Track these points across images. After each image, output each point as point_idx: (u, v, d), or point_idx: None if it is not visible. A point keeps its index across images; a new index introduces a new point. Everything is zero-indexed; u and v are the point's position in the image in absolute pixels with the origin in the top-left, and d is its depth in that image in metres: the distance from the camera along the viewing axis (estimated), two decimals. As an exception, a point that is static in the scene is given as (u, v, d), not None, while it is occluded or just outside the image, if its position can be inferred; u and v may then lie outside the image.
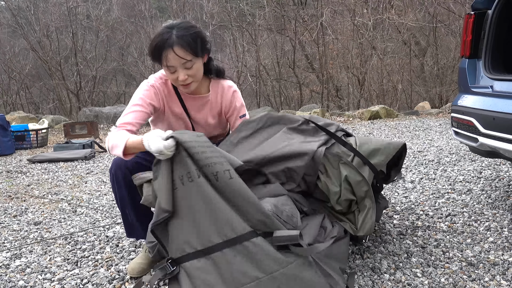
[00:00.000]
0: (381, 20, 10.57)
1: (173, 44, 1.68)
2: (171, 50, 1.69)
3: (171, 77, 1.78)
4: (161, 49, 1.69)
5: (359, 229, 1.72)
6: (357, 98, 11.49)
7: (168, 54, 1.70)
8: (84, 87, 12.77)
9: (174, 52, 1.69)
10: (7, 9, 13.11)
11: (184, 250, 1.47)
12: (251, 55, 12.30)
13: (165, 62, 1.72)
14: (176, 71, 1.74)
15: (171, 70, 1.74)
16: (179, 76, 1.74)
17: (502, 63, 2.55)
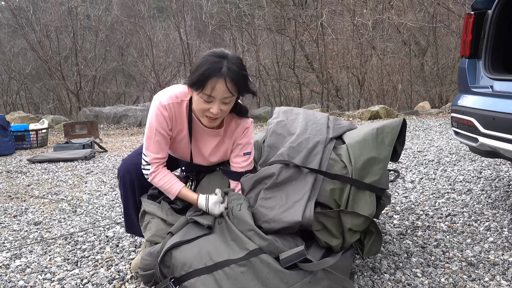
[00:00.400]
0: (381, 20, 10.58)
1: (226, 75, 1.57)
2: (223, 81, 1.57)
3: (203, 106, 1.63)
4: (211, 76, 1.56)
5: (365, 253, 1.68)
6: (357, 98, 11.50)
7: (217, 84, 1.57)
8: (84, 87, 12.77)
9: (225, 83, 1.57)
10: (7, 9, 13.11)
11: (189, 267, 1.47)
12: (250, 55, 12.30)
13: (209, 90, 1.58)
14: (212, 102, 1.62)
15: (208, 100, 1.61)
16: (213, 108, 1.62)
17: (502, 63, 2.55)
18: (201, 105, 1.63)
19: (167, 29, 13.05)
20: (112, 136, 7.69)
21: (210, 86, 1.57)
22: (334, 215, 1.61)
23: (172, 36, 13.03)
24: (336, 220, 1.61)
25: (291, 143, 1.84)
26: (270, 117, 2.11)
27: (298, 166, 1.70)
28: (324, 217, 1.61)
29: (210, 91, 1.58)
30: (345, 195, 1.64)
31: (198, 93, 1.62)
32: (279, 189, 1.67)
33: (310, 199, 1.62)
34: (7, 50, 12.63)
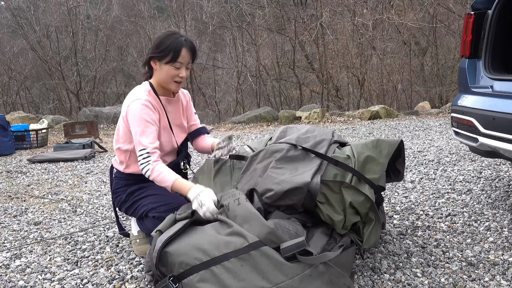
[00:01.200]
0: (381, 20, 10.58)
1: (188, 46, 1.96)
2: (187, 50, 1.95)
3: (172, 72, 1.96)
4: (180, 47, 1.93)
5: (364, 242, 1.69)
6: (357, 98, 11.50)
7: (183, 52, 1.94)
8: (84, 87, 12.78)
9: (189, 51, 1.96)
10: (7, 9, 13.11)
11: (188, 263, 1.46)
12: (251, 55, 12.31)
13: (179, 58, 1.93)
14: (180, 68, 1.96)
15: (177, 66, 1.95)
16: (181, 72, 1.97)
17: (502, 63, 2.55)
18: (172, 72, 1.96)
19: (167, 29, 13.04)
20: (112, 136, 7.69)
21: (179, 54, 1.93)
22: (337, 189, 1.69)
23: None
24: (338, 196, 1.69)
25: (299, 134, 1.97)
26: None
27: (305, 149, 1.82)
28: (328, 189, 1.69)
29: (180, 58, 1.94)
30: (347, 181, 1.72)
31: (170, 64, 1.94)
32: (289, 162, 1.79)
33: (318, 172, 1.72)
34: (7, 50, 12.63)
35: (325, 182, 1.69)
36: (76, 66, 12.38)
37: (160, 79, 2.01)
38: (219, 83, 13.40)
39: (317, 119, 8.00)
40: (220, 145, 2.06)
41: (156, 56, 1.96)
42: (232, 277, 1.41)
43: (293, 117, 8.42)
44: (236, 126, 8.33)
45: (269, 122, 8.53)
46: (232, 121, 8.77)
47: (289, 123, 8.18)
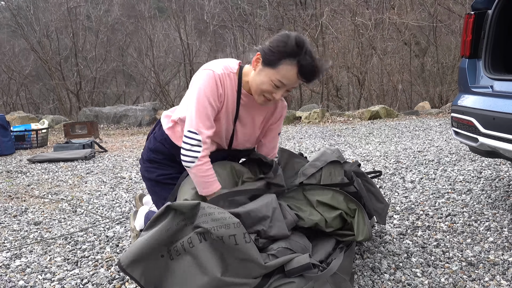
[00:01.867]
0: (381, 20, 10.58)
1: (306, 70, 1.57)
2: (301, 74, 1.57)
3: (268, 88, 1.59)
4: (294, 65, 1.55)
5: (357, 235, 1.70)
6: (357, 98, 11.50)
7: (294, 74, 1.56)
8: (84, 87, 12.78)
9: (302, 76, 1.58)
10: (7, 9, 13.12)
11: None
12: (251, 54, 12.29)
13: (282, 77, 1.56)
14: (280, 87, 1.60)
15: (277, 84, 1.58)
16: (277, 94, 1.61)
17: (502, 63, 2.55)
18: (267, 87, 1.59)
19: (167, 29, 13.06)
20: (112, 136, 7.69)
21: (286, 75, 1.56)
22: (300, 196, 1.75)
23: (172, 36, 13.04)
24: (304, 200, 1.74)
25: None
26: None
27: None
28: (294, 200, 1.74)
29: (287, 80, 1.57)
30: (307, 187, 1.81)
31: (271, 76, 1.57)
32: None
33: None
34: (7, 50, 12.63)
35: (289, 196, 1.75)
36: (76, 66, 12.38)
37: (251, 83, 1.65)
38: (219, 83, 13.36)
39: (317, 119, 8.00)
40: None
41: (263, 58, 1.59)
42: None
43: (293, 117, 8.42)
44: (236, 126, 8.32)
45: (269, 122, 8.52)
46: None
47: (289, 123, 8.18)
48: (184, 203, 1.41)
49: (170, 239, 1.38)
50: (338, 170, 1.87)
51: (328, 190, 1.74)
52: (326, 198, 1.73)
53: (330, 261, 1.57)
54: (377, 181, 3.28)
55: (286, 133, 6.70)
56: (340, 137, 5.88)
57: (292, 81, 1.58)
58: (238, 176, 1.79)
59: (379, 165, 3.86)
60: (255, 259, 1.37)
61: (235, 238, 1.36)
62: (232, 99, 1.68)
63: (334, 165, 1.87)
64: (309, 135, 6.28)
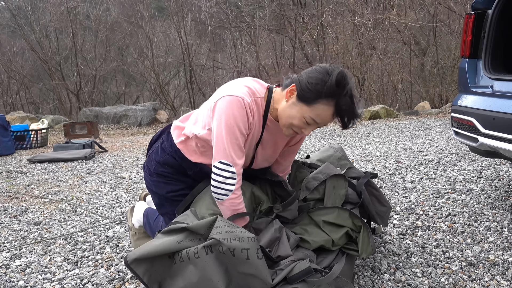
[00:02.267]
0: (381, 20, 10.57)
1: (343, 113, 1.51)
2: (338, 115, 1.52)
3: (298, 123, 1.53)
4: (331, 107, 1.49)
5: (360, 252, 1.68)
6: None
7: (329, 115, 1.51)
8: (84, 87, 12.77)
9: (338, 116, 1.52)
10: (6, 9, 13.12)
11: None
12: (250, 55, 12.30)
13: (316, 116, 1.50)
14: (310, 125, 1.54)
15: (309, 122, 1.52)
16: (307, 130, 1.55)
17: (502, 63, 2.55)
18: (298, 122, 1.53)
19: (167, 29, 13.06)
20: (112, 136, 7.69)
21: (321, 115, 1.50)
22: (306, 220, 1.72)
23: (172, 36, 13.04)
24: (311, 223, 1.71)
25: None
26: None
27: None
28: (299, 225, 1.71)
29: (321, 119, 1.51)
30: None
31: (304, 113, 1.50)
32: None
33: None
34: (6, 50, 12.63)
35: (294, 222, 1.72)
36: (76, 66, 12.38)
37: (281, 114, 1.57)
38: (219, 83, 13.39)
39: (317, 119, 8.00)
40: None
41: (299, 93, 1.51)
42: None
43: (293, 117, 8.42)
44: (236, 126, 8.32)
45: (269, 122, 8.53)
46: (232, 121, 8.77)
47: (289, 123, 8.17)
48: (201, 224, 1.42)
49: (179, 249, 1.40)
50: (342, 183, 1.84)
51: (332, 208, 1.71)
52: (331, 217, 1.69)
53: (332, 265, 1.57)
54: (377, 181, 3.28)
55: (286, 133, 6.70)
56: (340, 137, 5.88)
57: (326, 121, 1.52)
58: (256, 203, 1.77)
59: (379, 165, 3.86)
60: (264, 276, 1.35)
61: (247, 252, 1.33)
62: (258, 124, 1.62)
63: (337, 178, 1.83)
64: (309, 135, 6.29)
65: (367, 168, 3.79)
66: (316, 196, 1.80)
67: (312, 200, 1.80)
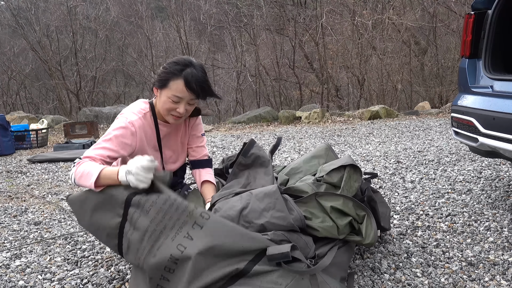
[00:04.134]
0: (380, 20, 10.58)
1: (190, 81, 1.74)
2: (187, 86, 1.74)
3: (169, 106, 1.78)
4: (179, 79, 1.74)
5: (365, 238, 1.69)
6: (357, 98, 11.50)
7: (181, 86, 1.74)
8: (84, 87, 12.77)
9: (189, 89, 1.75)
10: (7, 9, 13.12)
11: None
12: (250, 55, 12.30)
13: (175, 92, 1.76)
14: (179, 102, 1.78)
15: (174, 100, 1.77)
16: (179, 108, 1.78)
17: (502, 63, 2.55)
18: (168, 105, 1.79)
19: (166, 29, 13.06)
20: (112, 136, 7.68)
21: (175, 87, 1.75)
22: (314, 202, 1.73)
23: (171, 36, 13.04)
24: (318, 207, 1.72)
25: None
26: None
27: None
28: (306, 206, 1.73)
29: (176, 92, 1.75)
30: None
31: (163, 94, 1.79)
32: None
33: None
34: (7, 50, 12.63)
35: (302, 201, 1.73)
36: (76, 66, 12.38)
37: (159, 107, 1.86)
38: (218, 83, 13.40)
39: (317, 119, 8.00)
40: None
41: (156, 84, 1.82)
42: None
43: (293, 117, 8.42)
44: (236, 126, 8.33)
45: (269, 122, 8.53)
46: (232, 121, 8.77)
47: (289, 123, 8.18)
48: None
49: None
50: (358, 176, 1.85)
51: (338, 196, 1.73)
52: (338, 204, 1.71)
53: (322, 256, 1.57)
54: (377, 181, 3.28)
55: (286, 133, 6.70)
56: (340, 137, 5.88)
57: (184, 93, 1.75)
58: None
59: (379, 165, 3.86)
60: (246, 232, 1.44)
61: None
62: (152, 133, 1.90)
63: (355, 170, 1.86)
64: (309, 135, 6.29)
65: (367, 168, 3.79)
66: (332, 180, 1.81)
67: (326, 183, 1.81)
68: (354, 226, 1.73)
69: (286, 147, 5.22)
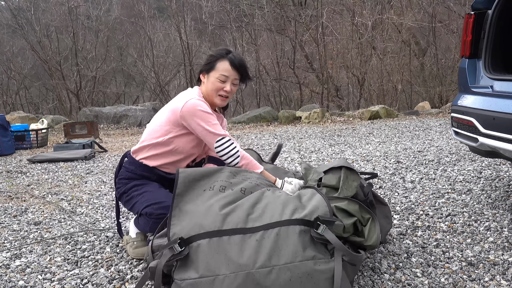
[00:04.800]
0: (380, 20, 10.58)
1: (233, 61, 2.05)
2: (232, 64, 2.05)
3: (218, 85, 2.05)
4: (224, 60, 2.04)
5: (367, 239, 1.69)
6: (357, 98, 11.50)
7: (227, 66, 2.04)
8: (84, 87, 12.77)
9: (234, 66, 2.05)
10: (7, 9, 13.12)
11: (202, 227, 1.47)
12: (250, 55, 12.30)
13: (222, 71, 2.04)
14: (226, 81, 2.06)
15: (222, 79, 2.05)
16: (226, 87, 2.06)
17: (502, 63, 2.55)
18: (217, 85, 2.05)
19: (167, 29, 13.06)
20: (112, 136, 7.69)
21: (223, 67, 2.04)
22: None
23: (172, 36, 13.04)
24: None
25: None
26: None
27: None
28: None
29: (223, 71, 2.04)
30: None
31: (214, 76, 2.05)
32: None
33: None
34: (7, 50, 12.63)
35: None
36: (76, 66, 12.38)
37: (207, 91, 2.09)
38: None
39: (317, 119, 8.00)
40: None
41: (204, 69, 2.09)
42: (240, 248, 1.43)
43: (293, 117, 8.42)
44: (236, 126, 8.33)
45: (269, 122, 8.53)
46: (232, 121, 8.78)
47: (289, 123, 8.18)
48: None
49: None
50: (355, 175, 1.87)
51: (343, 198, 1.74)
52: (343, 205, 1.72)
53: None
54: (377, 181, 3.28)
55: (286, 133, 6.70)
56: (340, 137, 5.88)
57: (230, 71, 2.05)
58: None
59: (379, 165, 3.86)
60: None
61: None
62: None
63: (351, 171, 1.88)
64: (309, 135, 6.29)
65: (367, 168, 3.79)
66: (331, 182, 1.82)
67: (326, 187, 1.83)
68: (357, 228, 1.73)
69: (286, 147, 5.22)
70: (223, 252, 1.42)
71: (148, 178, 2.10)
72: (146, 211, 1.96)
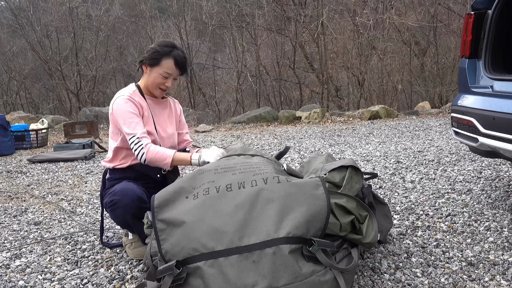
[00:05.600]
0: (381, 20, 10.58)
1: (178, 60, 2.08)
2: (176, 63, 2.08)
3: (160, 81, 2.10)
4: (170, 58, 2.07)
5: (364, 236, 1.69)
6: (357, 98, 11.50)
7: (172, 64, 2.08)
8: (84, 87, 12.77)
9: (178, 65, 2.09)
10: (7, 9, 13.12)
11: (196, 250, 1.44)
12: (251, 55, 12.30)
13: (166, 69, 2.08)
14: (168, 78, 2.11)
15: (165, 75, 2.10)
16: (168, 83, 2.12)
17: (502, 63, 2.55)
18: (158, 80, 2.11)
19: (167, 29, 13.06)
20: (112, 136, 7.68)
21: (166, 65, 2.07)
22: None
23: (172, 36, 13.04)
24: None
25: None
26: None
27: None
28: None
29: (167, 69, 2.08)
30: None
31: (158, 71, 2.09)
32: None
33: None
34: (7, 50, 12.63)
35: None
36: (77, 66, 12.38)
37: (147, 83, 2.15)
38: (219, 83, 13.40)
39: (317, 119, 8.00)
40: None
41: (147, 62, 2.11)
42: (237, 270, 1.40)
43: (293, 117, 8.42)
44: (236, 126, 8.33)
45: (269, 122, 8.53)
46: (232, 121, 8.77)
47: (289, 123, 8.18)
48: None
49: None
50: (359, 177, 1.86)
51: (341, 194, 1.73)
52: (342, 202, 1.72)
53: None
54: (377, 181, 3.28)
55: (286, 133, 6.70)
56: (340, 137, 5.88)
57: (173, 70, 2.09)
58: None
59: (379, 165, 3.86)
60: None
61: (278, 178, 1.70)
62: (144, 103, 2.14)
63: (356, 171, 1.87)
64: (309, 135, 6.29)
65: (367, 168, 3.79)
66: (334, 179, 1.82)
67: (328, 182, 1.82)
68: (355, 226, 1.73)
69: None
70: (221, 273, 1.41)
71: (128, 178, 2.13)
72: (105, 202, 2.01)
